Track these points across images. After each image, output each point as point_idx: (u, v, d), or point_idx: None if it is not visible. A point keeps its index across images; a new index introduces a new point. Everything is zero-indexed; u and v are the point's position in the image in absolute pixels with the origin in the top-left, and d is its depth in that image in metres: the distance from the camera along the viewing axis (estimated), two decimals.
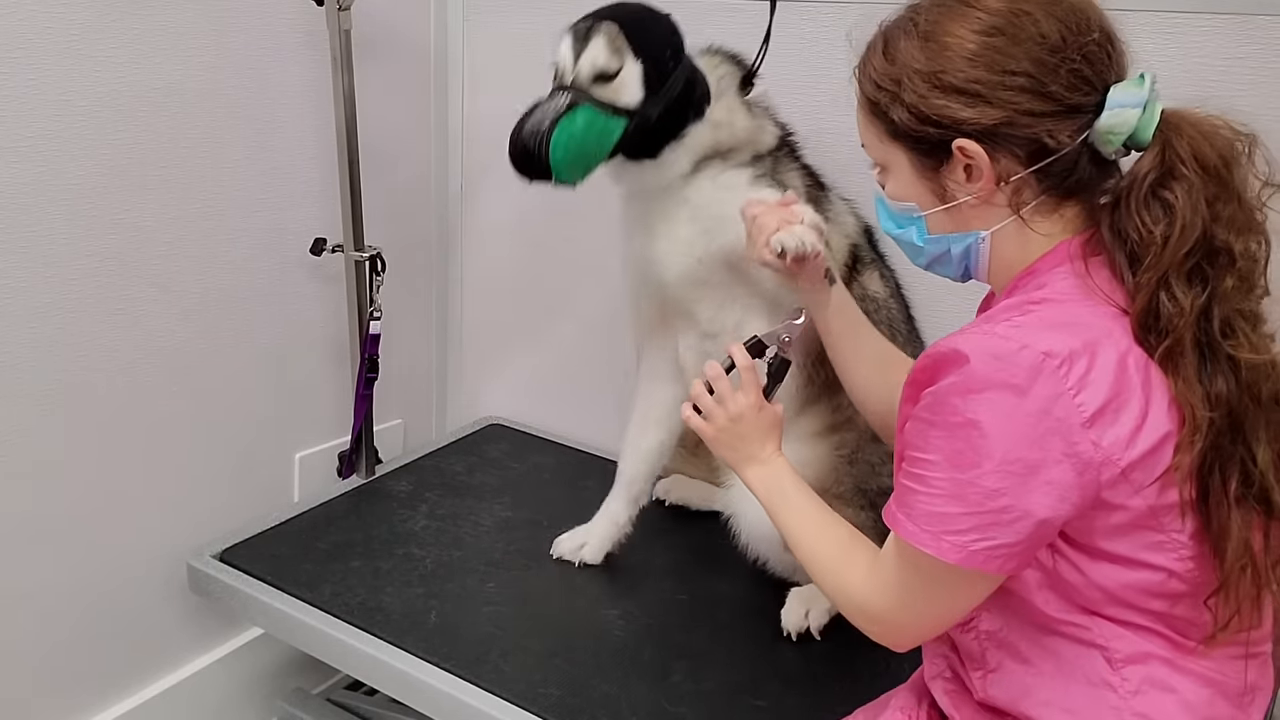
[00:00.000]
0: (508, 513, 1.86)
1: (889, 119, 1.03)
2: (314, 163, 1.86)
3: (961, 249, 1.06)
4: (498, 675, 1.42)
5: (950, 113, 0.98)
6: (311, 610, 1.56)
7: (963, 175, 1.01)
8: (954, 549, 0.94)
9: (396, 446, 2.17)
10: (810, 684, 1.44)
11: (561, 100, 1.38)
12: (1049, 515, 0.92)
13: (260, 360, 1.86)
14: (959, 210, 1.04)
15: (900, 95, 1.01)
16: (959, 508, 0.93)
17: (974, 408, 0.92)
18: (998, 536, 0.93)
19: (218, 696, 1.89)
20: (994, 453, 0.91)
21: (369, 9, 1.83)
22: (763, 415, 1.24)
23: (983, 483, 0.92)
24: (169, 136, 1.63)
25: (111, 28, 1.52)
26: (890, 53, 1.03)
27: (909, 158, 1.04)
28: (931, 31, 1.00)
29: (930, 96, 0.99)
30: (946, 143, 1.00)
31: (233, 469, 1.85)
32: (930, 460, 0.96)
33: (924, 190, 1.06)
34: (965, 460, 0.93)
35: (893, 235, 1.13)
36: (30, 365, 1.52)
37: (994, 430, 0.91)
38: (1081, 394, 0.90)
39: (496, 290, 2.23)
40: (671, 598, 1.64)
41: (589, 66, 1.39)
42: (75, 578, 1.64)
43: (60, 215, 1.51)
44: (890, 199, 1.10)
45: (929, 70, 0.99)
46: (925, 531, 0.96)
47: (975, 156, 0.99)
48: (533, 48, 2.02)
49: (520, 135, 1.38)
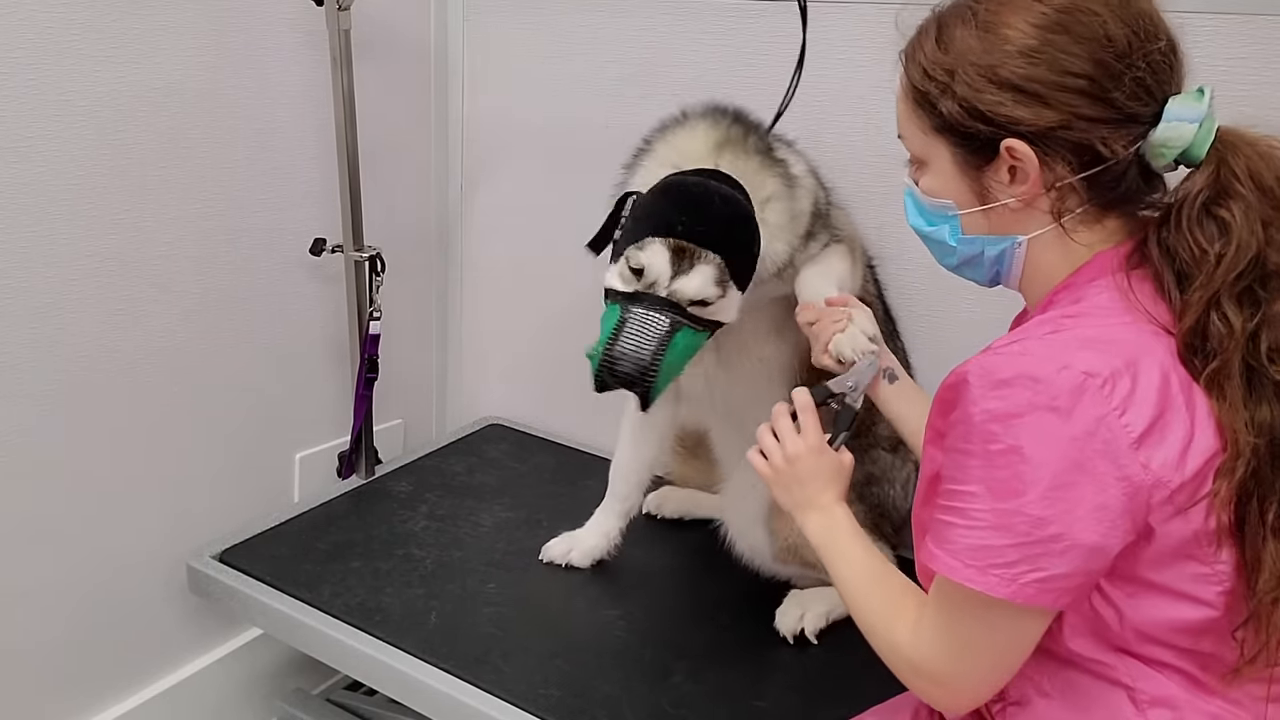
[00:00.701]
0: (508, 513, 1.86)
1: (936, 111, 0.98)
2: (314, 163, 1.86)
3: (996, 252, 1.03)
4: (498, 676, 1.42)
5: (1004, 110, 0.94)
6: (311, 611, 1.56)
7: (1006, 176, 0.98)
8: (1002, 582, 0.89)
9: (396, 446, 2.17)
10: (810, 685, 1.44)
11: (663, 323, 1.29)
12: (1100, 542, 0.88)
13: (260, 360, 1.86)
14: (998, 212, 1.00)
15: (952, 87, 0.96)
16: (1005, 539, 0.89)
17: (1014, 433, 0.88)
18: (1049, 567, 0.88)
19: (218, 697, 1.89)
20: (1039, 479, 0.87)
21: (369, 9, 1.83)
22: (823, 461, 1.19)
23: (1029, 511, 0.88)
24: (169, 136, 1.63)
25: (111, 28, 1.52)
26: (945, 41, 0.98)
27: (951, 153, 1.00)
28: (991, 22, 0.95)
29: (984, 91, 0.95)
30: (995, 141, 0.96)
31: (233, 469, 1.85)
32: (970, 492, 0.91)
33: (963, 188, 1.02)
34: (1008, 489, 0.88)
35: (921, 232, 1.09)
36: (30, 365, 1.52)
37: (1037, 456, 0.87)
38: (1127, 414, 0.87)
39: (496, 290, 2.23)
40: (672, 599, 1.64)
41: (691, 293, 1.29)
42: (75, 578, 1.64)
43: (60, 215, 1.51)
44: (924, 194, 1.06)
45: (985, 63, 0.94)
46: (969, 566, 0.90)
47: (1023, 159, 0.95)
48: (533, 48, 2.03)
49: (622, 360, 1.30)
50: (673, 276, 1.29)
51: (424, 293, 2.21)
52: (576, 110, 2.00)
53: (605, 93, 1.95)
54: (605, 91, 1.95)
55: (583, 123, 2.00)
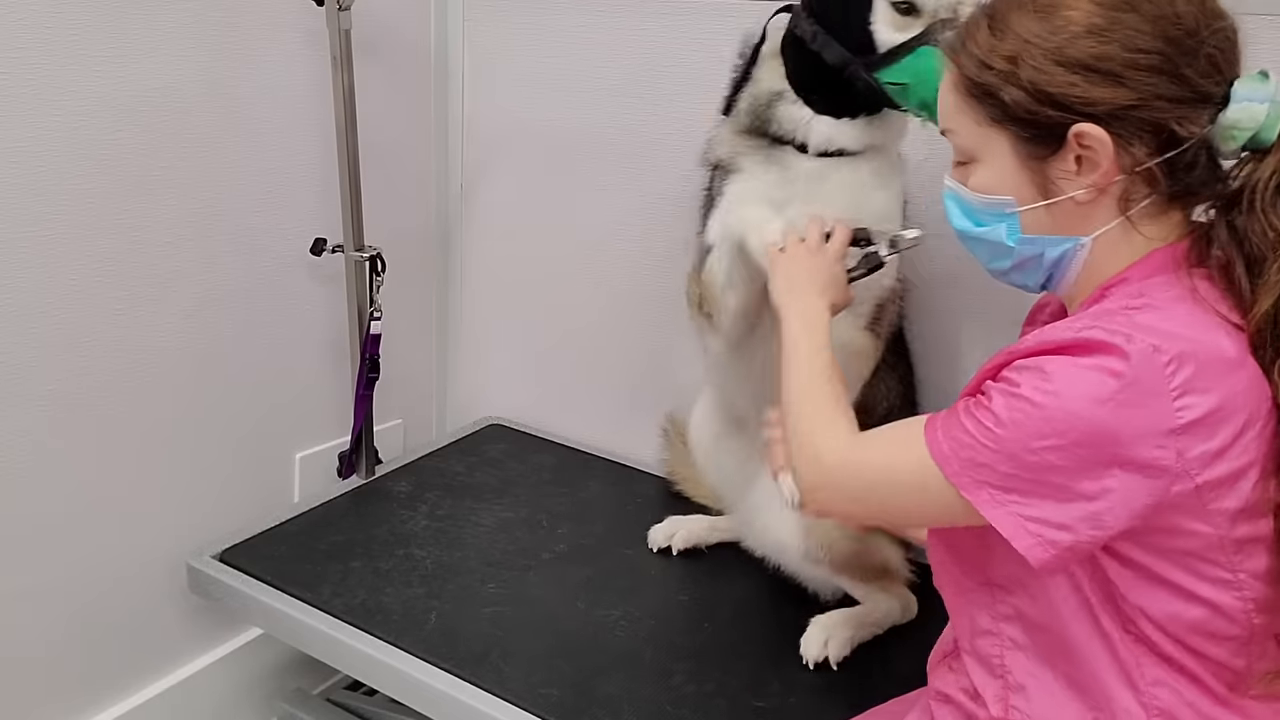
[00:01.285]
0: (508, 513, 1.86)
1: (997, 101, 0.94)
2: (314, 163, 1.86)
3: (1057, 254, 0.98)
4: (498, 676, 1.42)
5: (1077, 92, 0.90)
6: (311, 610, 1.56)
7: (1074, 166, 0.93)
8: (993, 503, 0.90)
9: (396, 446, 2.17)
10: (811, 685, 1.44)
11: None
12: (1101, 511, 0.87)
13: (260, 360, 1.86)
14: (1061, 207, 0.96)
15: (1016, 73, 0.92)
16: (1010, 467, 0.89)
17: (1067, 380, 0.87)
18: (1040, 510, 0.89)
19: (218, 696, 1.89)
20: (1069, 432, 0.86)
21: (369, 9, 1.83)
22: (818, 260, 1.23)
23: (1045, 455, 0.87)
24: (168, 136, 1.63)
25: (111, 28, 1.52)
26: (999, 29, 0.94)
27: (1012, 145, 0.96)
28: (1051, 5, 0.92)
29: (1054, 74, 0.91)
30: (1062, 128, 0.92)
31: (233, 469, 1.85)
32: (997, 414, 0.90)
33: (1024, 182, 0.97)
34: (1034, 429, 0.87)
35: (969, 235, 1.03)
36: (30, 365, 1.52)
37: (1076, 407, 0.86)
38: (1184, 398, 0.85)
39: (496, 290, 2.23)
40: (673, 599, 1.64)
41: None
42: (75, 577, 1.64)
43: (60, 215, 1.51)
44: (975, 192, 1.01)
45: (1052, 45, 0.91)
46: (967, 475, 0.91)
47: (1094, 144, 0.91)
48: (533, 48, 2.03)
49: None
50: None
51: (424, 293, 2.21)
52: (576, 110, 2.00)
53: (605, 93, 1.95)
54: (605, 92, 1.95)
55: (582, 123, 2.00)
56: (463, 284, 2.27)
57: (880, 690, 1.31)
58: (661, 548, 1.73)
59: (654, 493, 1.94)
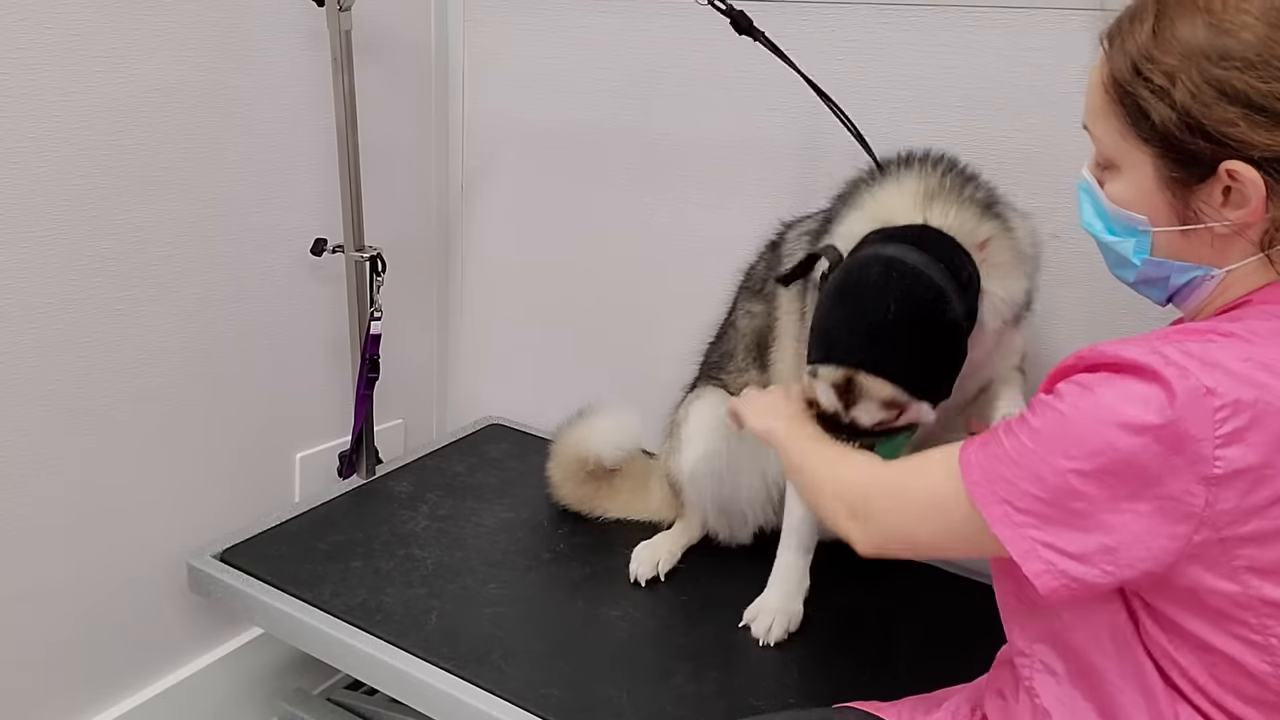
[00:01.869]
0: (508, 513, 1.86)
1: (1143, 115, 0.86)
2: (315, 163, 1.86)
3: (1184, 280, 0.92)
4: (498, 675, 1.42)
5: (1236, 132, 0.82)
6: (312, 610, 1.56)
7: (1220, 198, 0.86)
8: (1007, 522, 0.86)
9: (397, 446, 2.17)
10: (811, 685, 1.43)
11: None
12: (1119, 546, 0.82)
13: (260, 360, 1.86)
14: (1199, 235, 0.89)
15: (1171, 93, 0.83)
16: (1033, 486, 0.85)
17: (1107, 404, 0.82)
18: (1055, 537, 0.84)
19: (218, 696, 1.89)
20: (1099, 457, 0.82)
21: (369, 9, 1.83)
22: (773, 394, 1.31)
23: (1070, 479, 0.83)
24: (169, 136, 1.63)
25: (111, 28, 1.52)
26: (1164, 32, 0.84)
27: (1155, 165, 0.88)
28: (1230, 23, 0.82)
29: (1214, 105, 0.82)
30: (1212, 160, 0.84)
31: (233, 469, 1.85)
32: (1034, 428, 0.86)
33: (1163, 204, 0.89)
34: (1063, 449, 0.83)
35: (1099, 238, 0.98)
36: (31, 365, 1.52)
37: (1111, 434, 0.81)
38: (1228, 449, 0.79)
39: (496, 290, 2.23)
40: (673, 598, 1.64)
41: (866, 423, 1.22)
42: (75, 578, 1.64)
43: (60, 215, 1.51)
44: (1113, 202, 0.94)
45: (1218, 71, 0.82)
46: (988, 488, 0.87)
47: (1246, 183, 0.83)
48: (533, 48, 2.03)
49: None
50: (846, 409, 1.22)
51: (424, 293, 2.21)
52: (576, 110, 2.00)
53: (605, 93, 1.96)
54: (605, 92, 1.95)
55: (583, 123, 2.00)
56: (463, 284, 2.27)
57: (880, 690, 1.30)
58: (650, 579, 1.66)
59: None
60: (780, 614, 1.52)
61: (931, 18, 1.61)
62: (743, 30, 1.51)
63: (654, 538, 1.73)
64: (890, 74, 1.64)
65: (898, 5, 1.63)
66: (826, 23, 1.69)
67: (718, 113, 1.84)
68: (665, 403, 1.84)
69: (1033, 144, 1.57)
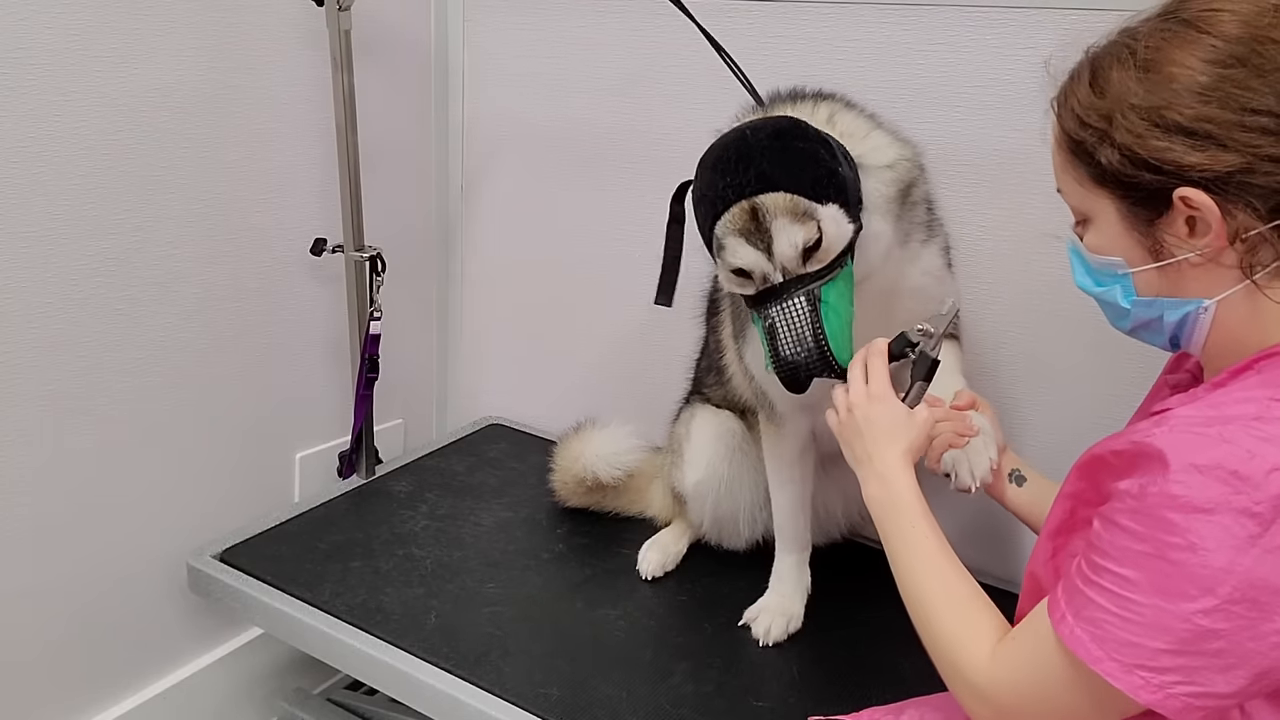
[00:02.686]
0: (507, 512, 1.86)
1: (1094, 162, 0.90)
2: (314, 163, 1.86)
3: (1177, 318, 0.92)
4: (498, 675, 1.42)
5: (1173, 156, 0.85)
6: (311, 610, 1.56)
7: (1184, 229, 0.87)
8: (1149, 688, 0.81)
9: (396, 446, 2.17)
10: (811, 685, 1.44)
11: (799, 304, 1.16)
12: (1270, 667, 0.78)
13: (260, 360, 1.86)
14: (1176, 269, 0.90)
15: (1110, 134, 0.88)
16: (1160, 642, 0.80)
17: (1198, 530, 0.78)
18: (1207, 684, 0.79)
19: (218, 696, 1.89)
20: (1219, 589, 0.77)
21: (369, 9, 1.83)
22: (882, 409, 1.10)
23: (1197, 621, 0.78)
24: (169, 137, 1.63)
25: (111, 28, 1.52)
26: (1100, 84, 0.90)
27: (1116, 207, 0.91)
28: (1153, 61, 0.86)
29: (1148, 137, 0.86)
30: (1165, 191, 0.86)
31: (233, 469, 1.85)
32: (1128, 578, 0.82)
33: (1133, 244, 0.92)
34: (1177, 590, 0.79)
35: (1091, 293, 1.00)
36: (31, 365, 1.52)
37: (1223, 563, 0.77)
38: None
39: (496, 290, 2.23)
40: (672, 598, 1.64)
41: (790, 257, 1.16)
42: (75, 578, 1.64)
43: (60, 215, 1.51)
44: (1091, 252, 0.96)
45: (1148, 105, 0.86)
46: (1113, 660, 0.82)
47: (1201, 208, 0.85)
48: (533, 48, 2.03)
49: (793, 361, 1.15)
50: (767, 254, 1.16)
51: (424, 293, 2.21)
52: (576, 110, 2.00)
53: (605, 93, 1.96)
54: (605, 91, 1.96)
55: (582, 123, 2.00)
56: (463, 284, 2.27)
57: (880, 690, 1.31)
58: (657, 576, 1.68)
59: None
60: (780, 615, 1.53)
61: (931, 18, 1.61)
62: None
63: (658, 536, 1.74)
64: (890, 74, 1.64)
65: (898, 5, 1.63)
66: (826, 23, 1.70)
67: (718, 112, 1.83)
68: (666, 402, 1.84)
69: (1032, 144, 1.54)
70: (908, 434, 1.10)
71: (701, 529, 1.74)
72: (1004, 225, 1.62)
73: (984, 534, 1.74)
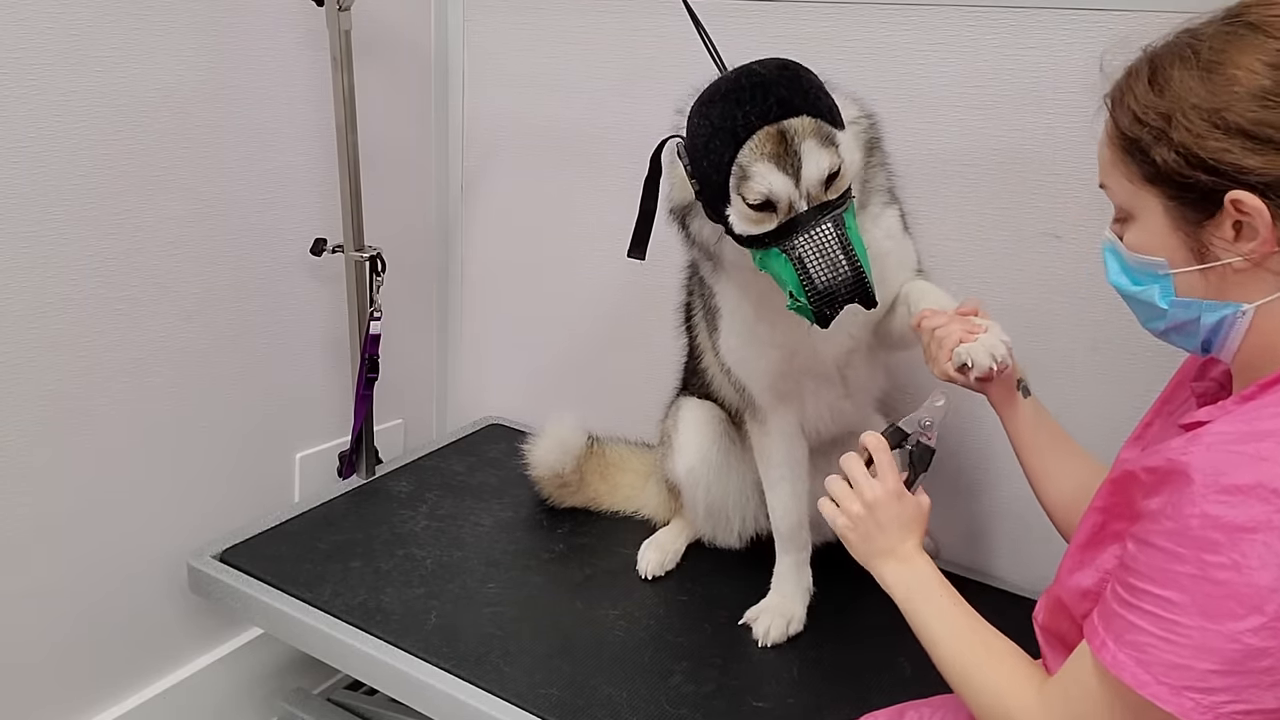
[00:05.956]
0: (507, 512, 1.86)
1: (1148, 160, 0.90)
2: (314, 163, 1.86)
3: (1214, 320, 0.92)
4: (498, 675, 1.42)
5: (1231, 158, 0.85)
6: (311, 610, 1.56)
7: (1230, 232, 0.88)
8: (1200, 709, 0.80)
9: (396, 446, 2.17)
10: (811, 685, 1.44)
11: (827, 230, 1.16)
12: None
13: (260, 360, 1.86)
14: (1218, 272, 0.90)
15: (1168, 133, 0.88)
16: (1209, 663, 0.80)
17: (1241, 549, 0.78)
18: (1257, 701, 0.79)
19: (218, 696, 1.89)
20: (1266, 607, 0.77)
21: (369, 9, 1.83)
22: (903, 505, 1.12)
23: (1245, 640, 0.78)
24: (169, 136, 1.63)
25: (111, 28, 1.52)
26: (1160, 83, 0.89)
27: (1164, 206, 0.91)
28: (1216, 62, 0.86)
29: (1208, 137, 0.86)
30: (1217, 194, 0.86)
31: (233, 469, 1.85)
32: (1170, 600, 0.82)
33: (1177, 245, 0.92)
34: (1223, 610, 0.79)
35: (1125, 292, 0.99)
36: (31, 365, 1.52)
37: (1268, 580, 0.77)
38: None
39: (496, 290, 2.23)
40: (672, 598, 1.64)
41: (819, 177, 1.17)
42: (75, 578, 1.64)
43: (61, 215, 1.51)
44: (1131, 250, 0.96)
45: (1210, 106, 0.86)
46: (1162, 683, 0.82)
47: (1252, 212, 0.85)
48: (533, 48, 2.03)
49: (832, 290, 1.15)
50: (795, 180, 1.15)
51: (424, 293, 2.21)
52: (576, 110, 2.00)
53: (605, 93, 1.95)
54: (605, 91, 1.95)
55: (583, 123, 2.00)
56: (463, 284, 2.27)
57: (880, 690, 1.31)
58: (657, 575, 1.69)
59: None
60: (780, 616, 1.53)
61: (931, 18, 1.61)
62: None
63: (656, 535, 1.74)
64: (890, 74, 1.64)
65: (898, 5, 1.63)
66: (826, 23, 1.70)
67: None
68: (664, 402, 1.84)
69: (1032, 144, 1.56)
70: (921, 525, 1.14)
71: (697, 523, 1.73)
72: (1004, 225, 1.62)
73: (987, 536, 1.74)
